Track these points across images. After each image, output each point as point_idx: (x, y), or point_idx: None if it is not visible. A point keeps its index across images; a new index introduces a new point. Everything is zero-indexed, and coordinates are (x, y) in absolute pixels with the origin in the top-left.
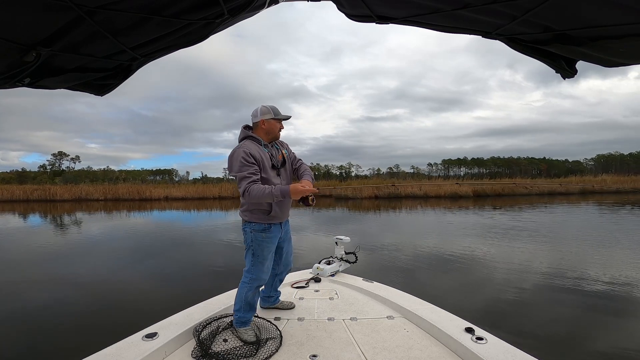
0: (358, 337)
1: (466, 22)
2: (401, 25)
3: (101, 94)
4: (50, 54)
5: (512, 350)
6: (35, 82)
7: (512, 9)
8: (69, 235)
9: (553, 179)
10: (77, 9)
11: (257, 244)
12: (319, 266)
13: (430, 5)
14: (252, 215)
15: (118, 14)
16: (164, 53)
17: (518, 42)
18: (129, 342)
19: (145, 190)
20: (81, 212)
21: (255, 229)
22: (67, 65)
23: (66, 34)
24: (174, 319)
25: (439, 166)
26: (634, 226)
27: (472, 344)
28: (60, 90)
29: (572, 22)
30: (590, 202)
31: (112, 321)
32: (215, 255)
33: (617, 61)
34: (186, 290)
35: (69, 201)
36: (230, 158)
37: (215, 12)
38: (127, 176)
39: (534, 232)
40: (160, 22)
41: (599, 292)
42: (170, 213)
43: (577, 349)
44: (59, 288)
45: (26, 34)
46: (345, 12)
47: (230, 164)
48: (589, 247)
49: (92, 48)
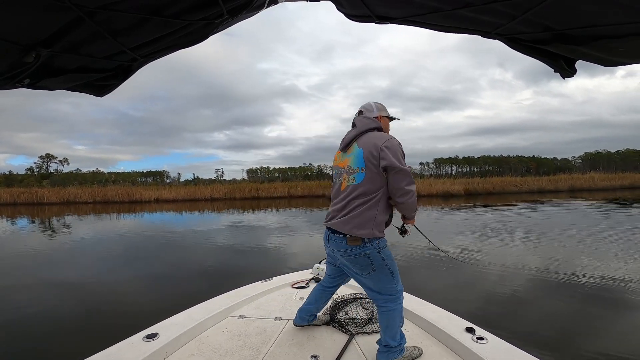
0: (358, 338)
1: (466, 22)
2: (400, 25)
3: (101, 95)
4: (50, 55)
5: (513, 350)
6: (35, 83)
7: (511, 8)
8: (57, 239)
9: (542, 176)
10: (76, 9)
11: (391, 260)
12: (319, 266)
13: (430, 5)
14: (379, 230)
15: (118, 15)
16: (164, 53)
17: (518, 41)
18: (130, 342)
19: (135, 192)
20: (70, 215)
21: (381, 246)
22: (67, 65)
23: (66, 34)
24: (174, 320)
25: (430, 165)
26: (624, 223)
27: (472, 343)
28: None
29: (572, 21)
30: (580, 199)
31: (104, 326)
32: (207, 256)
33: (617, 60)
34: (181, 293)
35: (57, 204)
36: (389, 145)
37: (215, 13)
38: (117, 178)
39: (528, 228)
40: (160, 23)
41: (598, 286)
42: (161, 215)
43: (574, 344)
44: (48, 292)
45: (26, 35)
46: (344, 12)
47: (394, 153)
48: (585, 243)
49: (92, 49)
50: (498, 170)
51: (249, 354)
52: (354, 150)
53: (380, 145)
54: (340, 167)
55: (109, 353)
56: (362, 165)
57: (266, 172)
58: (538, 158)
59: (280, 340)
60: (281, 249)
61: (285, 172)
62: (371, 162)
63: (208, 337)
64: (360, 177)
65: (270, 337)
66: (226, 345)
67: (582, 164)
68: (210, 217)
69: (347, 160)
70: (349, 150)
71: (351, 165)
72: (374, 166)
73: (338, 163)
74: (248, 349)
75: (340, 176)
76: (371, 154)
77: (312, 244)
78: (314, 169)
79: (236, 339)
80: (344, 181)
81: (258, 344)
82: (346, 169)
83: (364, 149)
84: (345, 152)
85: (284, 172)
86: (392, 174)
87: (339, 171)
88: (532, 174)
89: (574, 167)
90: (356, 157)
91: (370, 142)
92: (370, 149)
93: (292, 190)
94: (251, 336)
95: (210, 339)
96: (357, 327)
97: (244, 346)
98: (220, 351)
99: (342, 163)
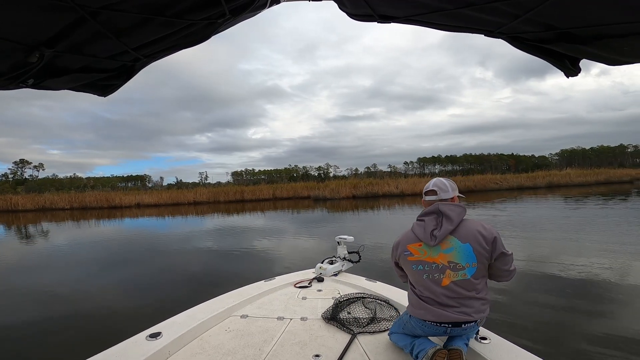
0: (361, 337)
1: (468, 21)
2: (403, 24)
3: (104, 95)
4: (53, 55)
5: (516, 350)
6: (38, 83)
7: (514, 7)
8: (31, 247)
9: (521, 173)
10: (80, 9)
11: None
12: (321, 266)
13: (433, 4)
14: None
15: (121, 15)
16: (166, 53)
17: (521, 40)
18: (133, 341)
19: (115, 197)
20: (46, 222)
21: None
22: (71, 66)
23: (69, 34)
24: (177, 319)
25: (414, 164)
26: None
27: (475, 343)
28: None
29: (576, 20)
30: (557, 194)
31: (80, 335)
32: (191, 263)
33: (621, 60)
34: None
35: (32, 211)
36: (495, 235)
37: (217, 13)
38: (96, 183)
39: (510, 223)
40: (163, 23)
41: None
42: (142, 220)
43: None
44: (24, 301)
45: (29, 35)
46: (346, 11)
47: (500, 240)
48: (565, 238)
49: (95, 48)
50: (479, 168)
51: (251, 353)
52: (456, 245)
53: (491, 237)
54: (436, 264)
55: (113, 352)
56: (473, 260)
57: (251, 175)
58: (517, 155)
59: (283, 339)
60: (271, 252)
61: (270, 174)
62: (483, 255)
63: (211, 336)
64: (471, 271)
65: (273, 336)
66: (229, 345)
67: (558, 160)
68: (193, 221)
69: (446, 257)
70: (444, 244)
71: (457, 262)
72: (485, 258)
73: (426, 258)
74: (251, 348)
75: (438, 272)
76: (482, 247)
77: (316, 243)
78: (300, 170)
79: (239, 338)
80: (446, 277)
81: (261, 343)
82: (449, 266)
83: (472, 244)
84: (437, 247)
85: (270, 174)
86: (502, 258)
87: (433, 267)
88: (511, 171)
89: (551, 163)
90: (464, 253)
91: (472, 235)
92: (480, 242)
93: (278, 192)
94: (254, 335)
95: (213, 338)
96: (360, 327)
97: (246, 345)
98: (222, 350)
99: (437, 259)
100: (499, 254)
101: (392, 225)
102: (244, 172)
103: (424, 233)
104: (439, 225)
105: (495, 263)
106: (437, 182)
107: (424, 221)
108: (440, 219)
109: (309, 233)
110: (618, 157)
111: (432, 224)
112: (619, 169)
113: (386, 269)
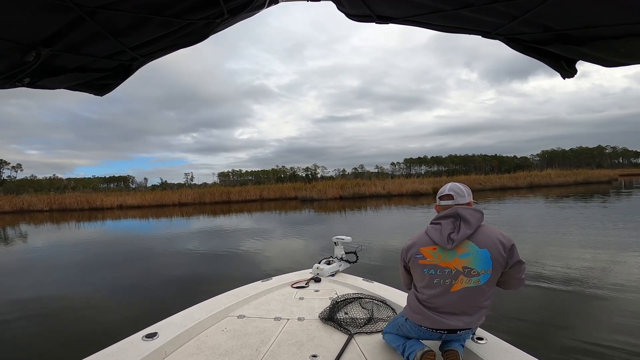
0: (358, 337)
1: (466, 22)
2: (401, 25)
3: (101, 94)
4: (50, 54)
5: (513, 350)
6: (35, 82)
7: (512, 8)
8: (10, 249)
9: (503, 174)
10: (77, 9)
11: None
12: (318, 266)
13: (431, 5)
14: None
15: (118, 14)
16: (164, 53)
17: (518, 41)
18: (129, 341)
19: (96, 198)
20: (24, 224)
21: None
22: (68, 65)
23: (66, 34)
24: (174, 319)
25: (401, 165)
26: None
27: (472, 343)
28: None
29: (573, 21)
30: (539, 194)
31: (74, 337)
32: (182, 263)
33: (618, 61)
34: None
35: (9, 213)
36: (512, 243)
37: (216, 12)
38: (77, 184)
39: (495, 222)
40: (161, 22)
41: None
42: (126, 222)
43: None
44: (7, 303)
45: (26, 34)
46: (345, 11)
47: (517, 250)
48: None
49: (93, 48)
50: (464, 169)
51: (248, 353)
52: (473, 251)
53: (509, 245)
54: (449, 269)
55: (109, 352)
56: (489, 267)
57: (238, 175)
58: (500, 156)
59: (280, 339)
60: (260, 254)
61: (257, 174)
62: (500, 262)
63: (207, 336)
64: (485, 278)
65: (270, 336)
66: (225, 345)
67: (539, 161)
68: (179, 222)
69: (461, 262)
70: (460, 249)
71: (473, 268)
72: (501, 266)
73: (439, 262)
74: (247, 348)
75: (450, 278)
76: (500, 254)
77: (313, 243)
78: (287, 171)
79: (236, 338)
80: (458, 283)
81: (257, 344)
82: (464, 272)
83: (490, 250)
84: (453, 251)
85: (257, 175)
86: (518, 267)
87: (446, 272)
88: (494, 172)
89: (532, 164)
90: (481, 259)
91: (491, 241)
92: (499, 249)
93: (265, 193)
94: (251, 336)
95: (210, 339)
96: (357, 327)
97: (243, 346)
98: (219, 351)
99: (452, 263)
100: (515, 262)
101: (381, 226)
102: (230, 173)
103: (440, 236)
104: (457, 228)
105: (510, 271)
106: (453, 187)
107: (441, 224)
108: (458, 222)
109: (298, 234)
110: (596, 158)
111: (449, 227)
112: (597, 169)
113: (385, 270)
